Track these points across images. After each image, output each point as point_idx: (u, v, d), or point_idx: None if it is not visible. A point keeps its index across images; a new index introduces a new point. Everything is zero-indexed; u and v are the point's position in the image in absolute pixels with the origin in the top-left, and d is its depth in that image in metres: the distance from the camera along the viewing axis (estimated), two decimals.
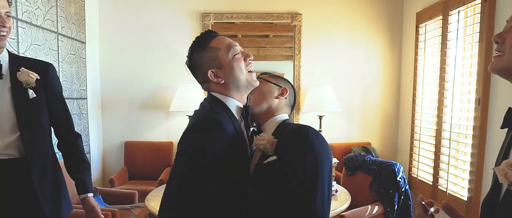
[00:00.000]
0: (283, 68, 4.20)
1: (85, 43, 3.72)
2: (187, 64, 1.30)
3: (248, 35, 4.20)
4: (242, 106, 1.30)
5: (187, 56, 1.29)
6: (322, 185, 1.13)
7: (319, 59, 4.14)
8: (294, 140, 1.16)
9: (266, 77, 1.38)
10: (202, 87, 1.32)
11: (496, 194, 0.88)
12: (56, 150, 1.87)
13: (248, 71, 1.28)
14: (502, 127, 0.93)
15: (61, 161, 1.87)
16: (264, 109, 1.32)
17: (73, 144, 1.86)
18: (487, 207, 0.91)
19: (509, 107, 0.91)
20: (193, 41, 1.28)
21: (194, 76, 1.31)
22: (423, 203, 1.02)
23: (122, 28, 4.05)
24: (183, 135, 1.19)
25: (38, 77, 1.66)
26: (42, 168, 1.69)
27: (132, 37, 4.06)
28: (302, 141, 1.15)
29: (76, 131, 1.91)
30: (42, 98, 1.69)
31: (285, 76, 1.47)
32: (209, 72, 1.24)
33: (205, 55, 1.25)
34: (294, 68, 4.12)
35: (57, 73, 3.14)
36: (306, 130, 1.17)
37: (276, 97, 1.33)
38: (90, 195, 1.87)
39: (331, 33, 4.13)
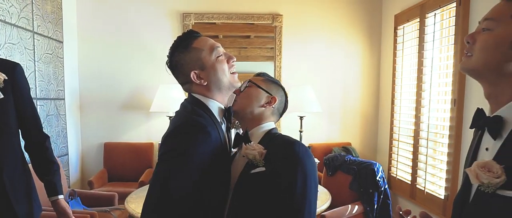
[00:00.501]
0: (265, 69, 4.21)
1: (62, 42, 3.64)
2: (167, 65, 1.27)
3: (229, 35, 4.20)
4: (223, 108, 1.28)
5: (167, 56, 1.27)
6: (310, 201, 1.15)
7: (299, 60, 4.17)
8: (285, 156, 1.16)
9: (258, 82, 1.33)
10: (183, 88, 1.29)
11: (467, 192, 0.92)
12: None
13: (231, 73, 1.27)
14: (471, 127, 0.96)
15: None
16: (248, 115, 1.29)
17: (41, 145, 1.81)
18: (459, 204, 0.94)
19: (478, 108, 0.94)
20: (175, 41, 1.26)
21: (175, 77, 1.29)
22: (401, 213, 1.05)
23: (101, 27, 3.98)
24: (165, 138, 1.17)
25: (6, 78, 1.61)
26: (12, 169, 1.65)
27: (111, 36, 4.00)
28: (293, 158, 1.15)
29: (45, 132, 1.86)
30: (10, 99, 1.64)
31: None
32: (192, 73, 1.22)
33: (188, 56, 1.22)
34: (275, 69, 4.14)
35: (34, 73, 3.09)
36: (297, 146, 1.17)
37: (262, 106, 1.29)
38: (61, 197, 1.82)
39: (311, 34, 4.16)
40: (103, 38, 3.99)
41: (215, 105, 1.25)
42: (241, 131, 1.33)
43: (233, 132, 1.38)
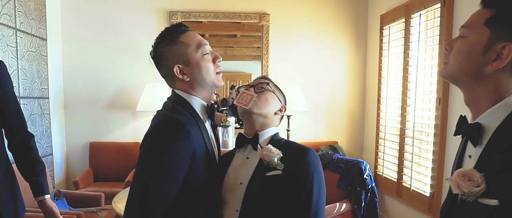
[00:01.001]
0: (251, 68, 4.21)
1: (46, 40, 3.57)
2: (151, 55, 1.26)
3: (216, 34, 4.18)
4: (206, 105, 1.28)
5: (152, 46, 1.25)
6: (323, 204, 1.23)
7: (286, 59, 4.18)
8: (300, 161, 1.20)
9: (274, 88, 1.35)
10: (166, 82, 1.28)
11: (453, 201, 0.93)
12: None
13: (216, 73, 1.26)
14: (455, 134, 0.97)
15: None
16: (260, 118, 1.29)
17: (26, 144, 1.77)
18: (445, 213, 0.95)
19: (460, 115, 0.96)
20: (162, 32, 1.24)
21: (157, 69, 1.27)
22: None
23: (86, 25, 3.92)
24: (144, 137, 1.16)
25: None
26: None
27: (97, 34, 3.94)
28: (309, 165, 1.20)
29: (30, 131, 1.83)
30: None
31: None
32: (175, 67, 1.21)
33: (173, 49, 1.21)
34: (262, 68, 4.14)
35: (17, 71, 3.02)
36: (312, 154, 1.23)
37: (275, 113, 1.33)
38: (47, 196, 1.79)
39: (298, 33, 4.18)
40: (88, 36, 3.93)
41: (198, 102, 1.24)
42: (235, 130, 1.34)
43: (220, 129, 1.38)
